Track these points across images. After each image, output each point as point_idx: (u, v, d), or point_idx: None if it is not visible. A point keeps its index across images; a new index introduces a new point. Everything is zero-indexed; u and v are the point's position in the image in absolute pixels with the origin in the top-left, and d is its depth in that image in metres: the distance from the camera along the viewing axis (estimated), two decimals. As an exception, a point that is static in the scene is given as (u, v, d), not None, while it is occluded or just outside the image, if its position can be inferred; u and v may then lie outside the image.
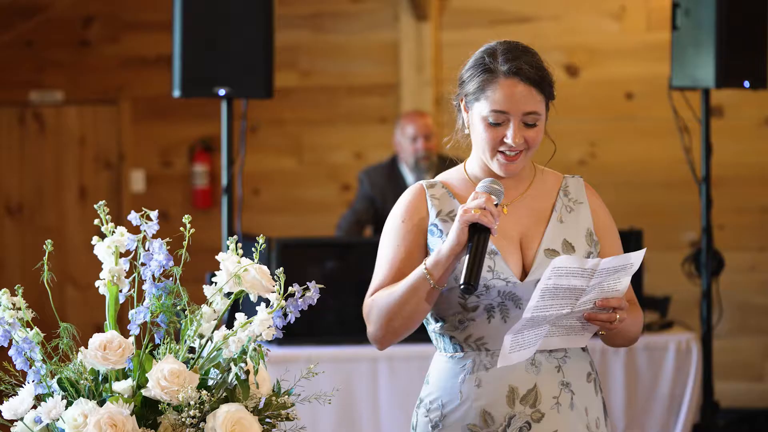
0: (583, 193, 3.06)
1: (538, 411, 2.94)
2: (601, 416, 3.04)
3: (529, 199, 3.04)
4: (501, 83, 2.92)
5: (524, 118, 2.92)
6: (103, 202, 2.67)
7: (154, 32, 8.58)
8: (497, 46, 2.97)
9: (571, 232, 3.00)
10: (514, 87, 2.91)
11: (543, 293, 2.76)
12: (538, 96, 2.92)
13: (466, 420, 2.96)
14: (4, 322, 2.57)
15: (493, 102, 2.92)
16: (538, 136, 2.95)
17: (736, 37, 5.98)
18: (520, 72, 2.90)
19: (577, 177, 3.10)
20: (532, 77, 2.91)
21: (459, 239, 2.82)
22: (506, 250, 2.97)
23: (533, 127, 2.93)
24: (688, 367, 5.89)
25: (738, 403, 7.91)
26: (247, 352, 2.55)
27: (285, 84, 8.09)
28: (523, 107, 2.91)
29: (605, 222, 3.06)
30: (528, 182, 3.05)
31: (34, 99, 8.78)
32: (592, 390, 3.02)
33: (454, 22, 8.40)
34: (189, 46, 5.61)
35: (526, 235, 2.99)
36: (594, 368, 3.06)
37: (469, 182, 3.05)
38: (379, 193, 7.16)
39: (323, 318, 5.80)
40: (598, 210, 3.06)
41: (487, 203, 2.82)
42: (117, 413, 2.47)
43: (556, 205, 3.03)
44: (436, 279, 2.87)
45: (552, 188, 3.06)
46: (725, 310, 6.72)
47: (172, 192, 8.72)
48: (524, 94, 2.90)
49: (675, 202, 8.00)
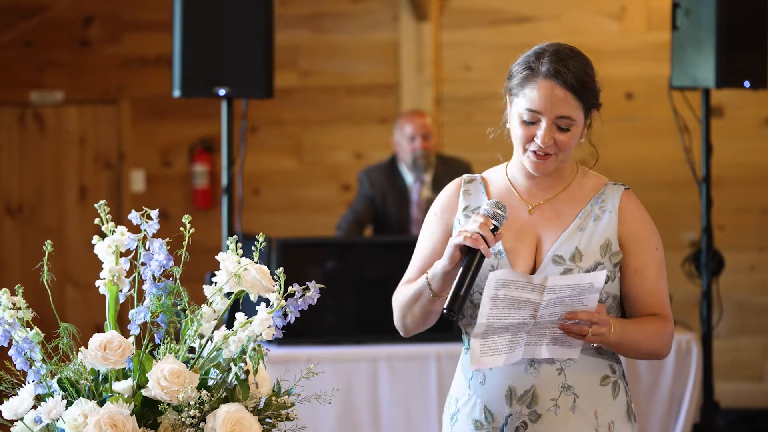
0: (617, 202, 3.04)
1: (535, 412, 2.97)
2: (619, 420, 3.02)
3: (560, 202, 3.04)
4: (539, 83, 2.94)
5: (557, 121, 2.93)
6: (103, 201, 2.67)
7: (154, 32, 8.58)
8: (547, 47, 2.98)
9: (586, 241, 2.99)
10: (551, 89, 2.92)
11: (493, 302, 2.80)
12: (575, 102, 2.93)
13: (472, 415, 3.03)
14: (4, 322, 2.57)
15: (530, 100, 2.94)
16: (570, 142, 2.95)
17: (737, 37, 5.97)
18: (558, 75, 2.92)
19: (619, 185, 3.08)
20: (570, 82, 2.91)
21: (450, 260, 2.88)
22: (517, 251, 2.99)
23: (566, 131, 2.94)
24: (688, 367, 5.89)
25: (738, 403, 7.91)
26: (246, 352, 2.55)
27: (285, 84, 8.09)
28: (557, 110, 2.92)
29: (636, 234, 3.03)
30: (565, 184, 3.06)
31: (34, 99, 8.78)
32: (608, 393, 3.02)
33: (454, 22, 8.39)
34: (189, 46, 5.61)
35: (544, 238, 3.01)
36: (617, 372, 3.05)
37: (507, 181, 3.08)
38: (378, 193, 7.15)
39: (323, 318, 5.80)
40: (630, 221, 3.03)
41: (481, 228, 2.84)
42: (117, 413, 2.47)
43: (582, 212, 3.03)
44: (435, 291, 2.95)
45: (587, 193, 3.06)
46: (725, 310, 6.72)
47: (172, 192, 8.72)
48: (560, 97, 2.92)
49: (675, 202, 8.00)
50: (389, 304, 4.08)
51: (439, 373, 5.65)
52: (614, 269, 2.99)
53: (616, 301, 3.02)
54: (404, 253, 5.98)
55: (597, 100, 2.99)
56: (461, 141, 8.21)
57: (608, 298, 2.99)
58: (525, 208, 3.04)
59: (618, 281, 3.01)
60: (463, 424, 3.04)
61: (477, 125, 8.31)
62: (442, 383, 5.64)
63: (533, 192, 3.05)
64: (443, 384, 5.64)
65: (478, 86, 8.25)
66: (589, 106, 2.97)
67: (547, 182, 3.05)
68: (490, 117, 3.18)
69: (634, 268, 3.01)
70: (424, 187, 7.11)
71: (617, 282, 3.00)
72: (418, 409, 5.67)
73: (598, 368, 3.01)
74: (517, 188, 3.06)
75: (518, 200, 3.05)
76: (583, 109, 2.95)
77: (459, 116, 8.36)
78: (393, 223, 7.12)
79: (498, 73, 8.39)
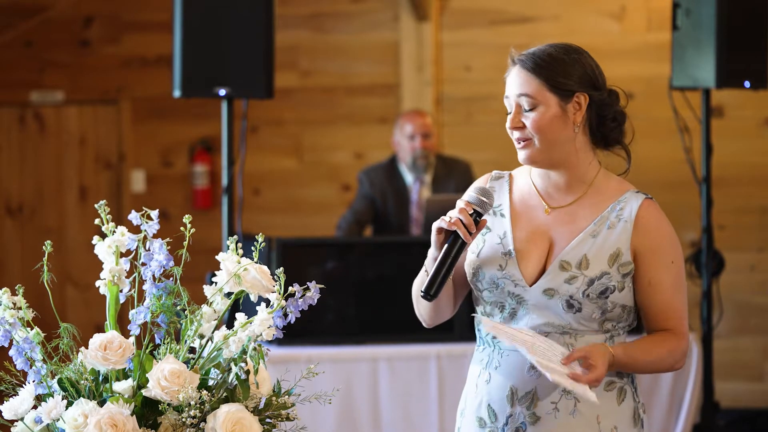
0: (634, 211, 3.01)
1: (534, 414, 2.97)
2: (623, 425, 3.00)
3: (578, 207, 3.03)
4: (509, 71, 3.01)
5: (519, 99, 2.97)
6: (103, 201, 2.67)
7: (155, 32, 8.58)
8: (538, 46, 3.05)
9: (596, 249, 2.97)
10: (514, 73, 3.00)
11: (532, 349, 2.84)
12: (534, 81, 2.95)
13: (478, 412, 3.04)
14: (4, 322, 2.57)
15: (506, 90, 3.02)
16: (540, 123, 2.95)
17: (737, 37, 5.98)
18: (520, 60, 2.98)
19: (640, 194, 3.06)
20: (528, 63, 2.96)
21: (435, 245, 2.93)
22: (528, 253, 2.99)
23: (531, 111, 2.96)
24: (689, 367, 5.89)
25: (738, 403, 7.91)
26: (247, 352, 2.55)
27: (285, 84, 8.09)
28: (516, 89, 2.97)
29: (652, 246, 2.99)
30: (584, 187, 3.04)
31: (34, 99, 8.78)
32: (612, 399, 3.00)
33: (454, 22, 8.40)
34: (189, 46, 5.61)
35: (556, 242, 3.00)
36: (625, 377, 3.02)
37: (530, 181, 3.08)
38: (378, 193, 7.15)
39: (323, 318, 5.80)
40: (647, 232, 3.00)
41: (460, 212, 2.89)
42: (117, 413, 2.47)
43: (598, 218, 3.01)
44: None
45: (607, 199, 3.04)
46: (725, 310, 6.72)
47: (172, 192, 8.72)
48: (520, 77, 2.97)
49: (675, 202, 7.99)
50: (389, 304, 4.14)
51: (439, 373, 5.65)
52: (623, 279, 2.96)
53: (626, 311, 3.00)
54: (404, 253, 6.02)
55: (575, 83, 2.97)
56: (461, 141, 8.22)
57: (615, 307, 2.97)
58: (542, 209, 3.04)
59: (630, 292, 2.98)
60: (469, 421, 3.06)
61: (477, 125, 8.31)
62: (442, 383, 5.64)
63: (552, 193, 3.04)
64: (443, 384, 5.64)
65: (478, 86, 8.26)
66: (559, 86, 2.96)
67: (564, 182, 3.03)
68: (490, 117, 3.20)
69: (649, 281, 2.97)
70: (423, 187, 7.11)
71: (627, 292, 2.97)
72: (418, 409, 5.68)
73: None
74: (538, 189, 3.06)
75: (538, 201, 3.05)
76: (550, 88, 2.95)
77: (459, 116, 8.36)
78: (393, 223, 7.12)
79: (498, 73, 8.39)
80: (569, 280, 2.94)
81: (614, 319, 2.98)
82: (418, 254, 4.23)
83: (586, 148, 3.04)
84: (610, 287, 2.94)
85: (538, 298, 2.95)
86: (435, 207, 6.27)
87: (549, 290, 2.95)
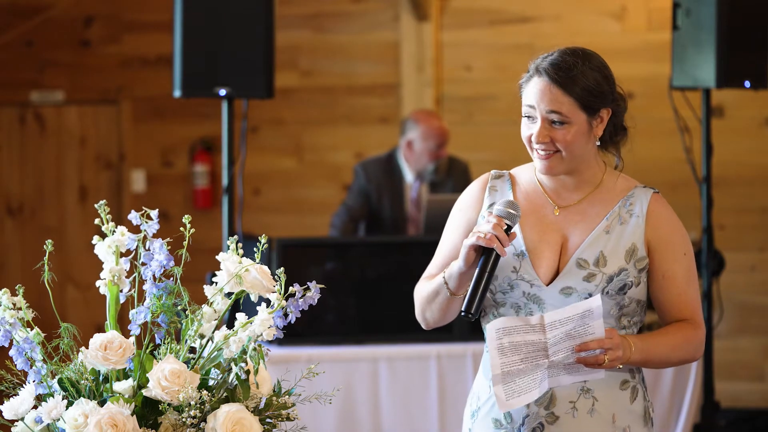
0: (645, 206, 3.03)
1: (552, 414, 2.97)
2: (636, 425, 3.01)
3: (587, 204, 3.03)
4: (534, 79, 2.97)
5: (548, 115, 2.94)
6: (103, 201, 2.67)
7: (155, 32, 8.58)
8: (559, 49, 3.01)
9: (612, 245, 2.97)
10: (541, 84, 2.95)
11: (500, 351, 2.83)
12: (565, 98, 2.93)
13: (492, 414, 3.03)
14: (5, 322, 2.57)
15: (527, 96, 2.98)
16: (569, 138, 2.94)
17: (737, 37, 5.98)
18: (547, 72, 2.94)
19: (648, 188, 3.08)
20: (556, 77, 2.93)
21: (465, 261, 2.91)
22: (541, 253, 2.99)
23: (560, 127, 2.94)
24: (689, 367, 5.88)
25: (738, 403, 7.91)
26: (247, 352, 2.55)
27: (285, 84, 8.10)
28: (546, 105, 2.94)
29: (665, 239, 3.01)
30: (592, 186, 3.04)
31: (34, 99, 8.78)
32: (626, 398, 3.01)
33: (455, 22, 8.39)
34: (189, 46, 5.61)
35: (569, 240, 3.00)
36: (637, 376, 3.03)
37: (536, 180, 3.07)
38: (374, 188, 7.07)
39: (323, 318, 5.80)
40: (659, 226, 3.02)
41: (494, 228, 2.86)
42: (117, 413, 2.47)
43: (609, 214, 3.02)
44: (452, 290, 2.97)
45: (616, 196, 3.05)
46: (725, 310, 6.72)
47: (172, 192, 8.72)
48: (548, 92, 2.94)
49: (675, 202, 7.93)
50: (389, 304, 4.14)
51: (439, 373, 5.65)
52: (639, 275, 2.97)
53: (641, 306, 3.01)
54: (404, 253, 6.01)
55: (602, 100, 2.98)
56: (461, 141, 8.21)
57: (631, 303, 2.98)
58: (551, 209, 3.03)
59: (644, 286, 3.00)
60: (484, 422, 3.04)
61: (477, 125, 8.31)
62: (442, 383, 5.64)
63: (560, 192, 3.04)
64: (443, 384, 5.64)
65: (478, 86, 8.26)
66: (590, 105, 2.96)
67: (573, 183, 3.03)
68: (490, 117, 3.20)
69: (663, 274, 2.99)
70: (424, 186, 7.09)
71: (642, 287, 2.99)
72: (418, 409, 5.67)
73: (618, 372, 2.99)
74: (545, 188, 3.06)
75: (545, 200, 3.04)
76: (581, 107, 2.95)
77: (459, 116, 8.36)
78: (386, 218, 7.04)
79: (498, 73, 8.44)
80: (587, 278, 2.94)
81: (629, 314, 2.99)
82: (418, 254, 4.23)
83: (596, 151, 3.05)
84: (627, 283, 2.95)
85: (556, 297, 2.95)
86: (436, 207, 6.26)
87: (567, 288, 2.95)
